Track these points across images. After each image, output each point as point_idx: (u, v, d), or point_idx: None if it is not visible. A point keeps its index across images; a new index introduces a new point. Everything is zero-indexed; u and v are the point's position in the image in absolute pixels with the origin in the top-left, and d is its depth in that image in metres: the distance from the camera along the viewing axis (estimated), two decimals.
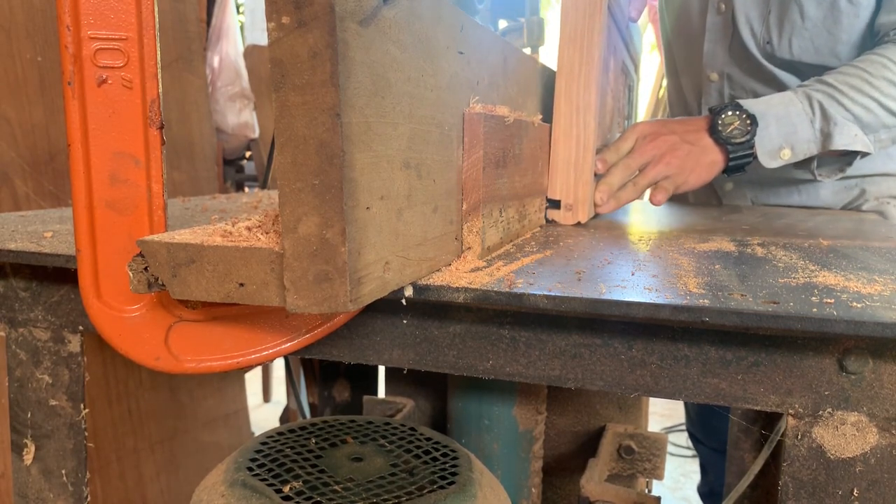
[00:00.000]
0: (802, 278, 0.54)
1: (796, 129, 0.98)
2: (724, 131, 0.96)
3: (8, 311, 0.65)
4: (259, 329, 0.51)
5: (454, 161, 0.56)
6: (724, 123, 0.96)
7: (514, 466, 0.85)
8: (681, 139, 0.96)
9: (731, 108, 0.96)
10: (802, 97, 0.99)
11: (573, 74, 0.83)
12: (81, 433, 0.67)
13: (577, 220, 0.86)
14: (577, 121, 0.83)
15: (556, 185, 0.86)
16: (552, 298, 0.46)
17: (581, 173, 0.85)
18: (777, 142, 0.97)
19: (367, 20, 0.39)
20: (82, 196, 0.49)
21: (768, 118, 0.97)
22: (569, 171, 0.85)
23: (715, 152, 0.97)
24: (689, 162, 0.96)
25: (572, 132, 0.84)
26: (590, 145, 0.83)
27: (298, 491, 0.60)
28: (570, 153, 0.84)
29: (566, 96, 0.84)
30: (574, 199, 0.86)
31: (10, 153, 1.33)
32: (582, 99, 0.83)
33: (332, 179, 0.38)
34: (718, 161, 0.98)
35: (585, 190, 0.85)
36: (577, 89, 0.83)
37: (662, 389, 0.50)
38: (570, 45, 0.83)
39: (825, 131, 0.98)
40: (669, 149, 0.95)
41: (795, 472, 0.48)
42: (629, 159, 0.94)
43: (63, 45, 0.47)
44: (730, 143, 0.96)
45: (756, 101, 0.98)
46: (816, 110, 0.98)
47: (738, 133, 0.96)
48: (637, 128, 0.98)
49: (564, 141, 0.84)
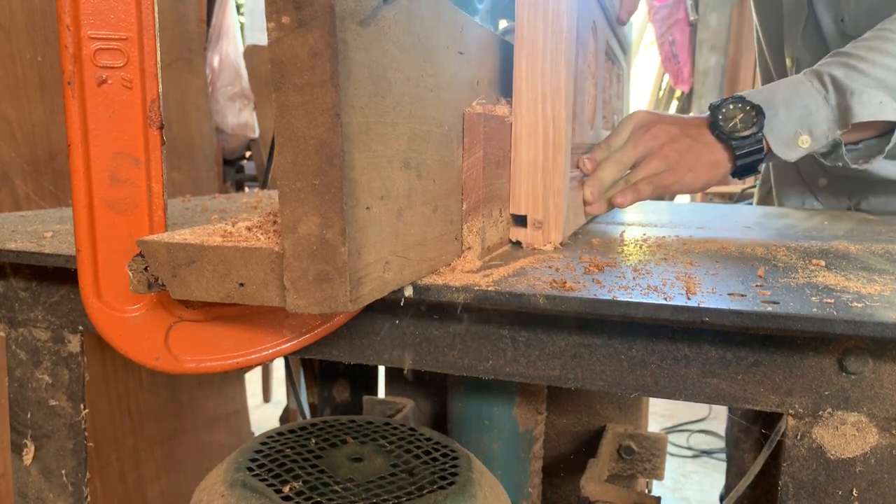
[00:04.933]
0: (802, 278, 0.54)
1: (810, 109, 0.85)
2: (725, 126, 0.84)
3: (8, 311, 0.65)
4: (259, 329, 0.51)
5: (454, 161, 0.56)
6: (726, 118, 0.84)
7: (514, 466, 0.85)
8: (681, 131, 0.84)
9: (732, 101, 0.85)
10: (811, 75, 0.87)
11: (536, 50, 0.64)
12: (81, 433, 0.67)
13: (549, 241, 0.66)
14: (543, 111, 0.65)
15: (520, 196, 0.66)
16: (552, 298, 0.46)
17: (551, 179, 0.65)
18: (790, 128, 0.85)
19: (367, 20, 0.39)
20: (82, 196, 0.49)
21: (775, 104, 0.85)
22: (535, 176, 0.65)
23: (718, 150, 0.85)
24: (689, 158, 0.83)
25: (538, 126, 0.65)
26: (561, 142, 0.64)
27: (298, 491, 0.60)
28: (537, 153, 0.65)
29: (528, 79, 0.65)
30: (543, 214, 0.66)
31: (10, 153, 1.33)
32: (549, 83, 0.64)
33: (332, 179, 0.38)
34: (722, 161, 0.85)
35: (558, 201, 0.65)
36: (543, 69, 0.64)
37: (662, 389, 0.50)
38: (530, 9, 0.64)
39: (842, 105, 0.85)
40: (669, 140, 0.83)
41: (795, 472, 0.48)
42: (621, 153, 0.82)
43: (63, 45, 0.47)
44: (733, 139, 0.84)
45: (760, 90, 0.88)
46: (828, 84, 0.86)
47: (742, 126, 0.84)
48: (633, 117, 0.85)
49: (528, 138, 0.65)
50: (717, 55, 4.66)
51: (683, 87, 4.77)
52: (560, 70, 0.64)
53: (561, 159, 0.65)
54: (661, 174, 0.82)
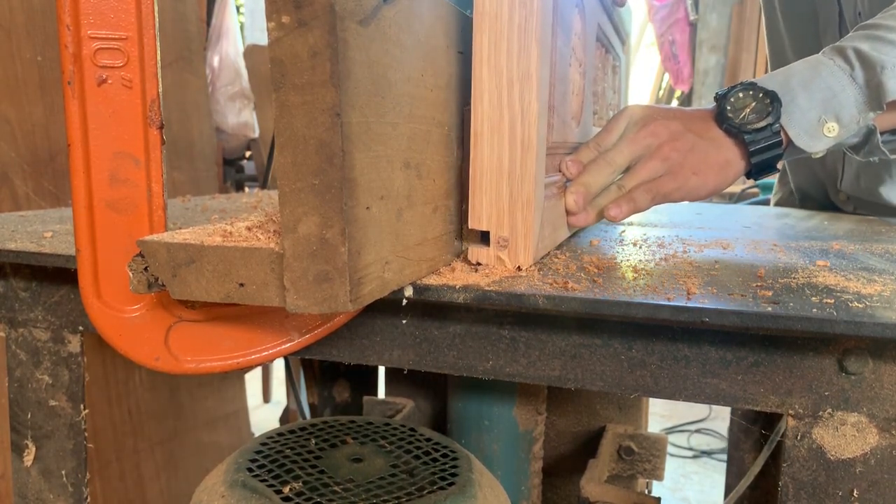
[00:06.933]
0: (802, 278, 0.54)
1: (834, 91, 0.72)
2: (735, 117, 0.71)
3: (8, 311, 0.65)
4: (259, 329, 0.51)
5: (454, 161, 0.56)
6: (736, 108, 0.71)
7: (514, 467, 0.85)
8: (684, 127, 0.71)
9: (741, 88, 0.72)
10: (832, 53, 0.75)
11: (500, 24, 0.51)
12: (81, 433, 0.67)
13: (517, 263, 0.54)
14: (509, 101, 0.52)
15: (480, 207, 0.54)
16: (552, 298, 0.46)
17: (520, 186, 0.53)
18: (813, 113, 0.72)
19: (367, 20, 0.39)
20: (82, 196, 0.49)
21: (792, 88, 0.72)
22: (499, 182, 0.53)
23: (728, 147, 0.72)
24: (693, 158, 0.70)
25: (502, 119, 0.52)
26: (532, 140, 0.52)
27: (298, 492, 0.60)
28: (502, 153, 0.53)
29: (490, 62, 0.52)
30: (510, 230, 0.54)
31: (10, 153, 1.33)
32: (516, 66, 0.52)
33: (331, 179, 0.38)
34: (734, 160, 0.72)
35: (528, 214, 0.53)
36: (508, 49, 0.52)
37: (662, 390, 0.50)
38: None
39: (872, 82, 0.72)
40: (669, 138, 0.69)
41: (795, 472, 0.48)
42: (613, 153, 0.68)
43: (63, 44, 0.47)
44: (746, 132, 0.70)
45: (773, 74, 0.75)
46: (853, 59, 0.73)
47: (755, 117, 0.71)
48: (628, 111, 0.72)
49: (490, 134, 0.53)
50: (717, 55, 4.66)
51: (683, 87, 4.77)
52: (531, 50, 0.51)
53: (531, 161, 0.53)
54: (661, 179, 0.68)
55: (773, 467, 0.56)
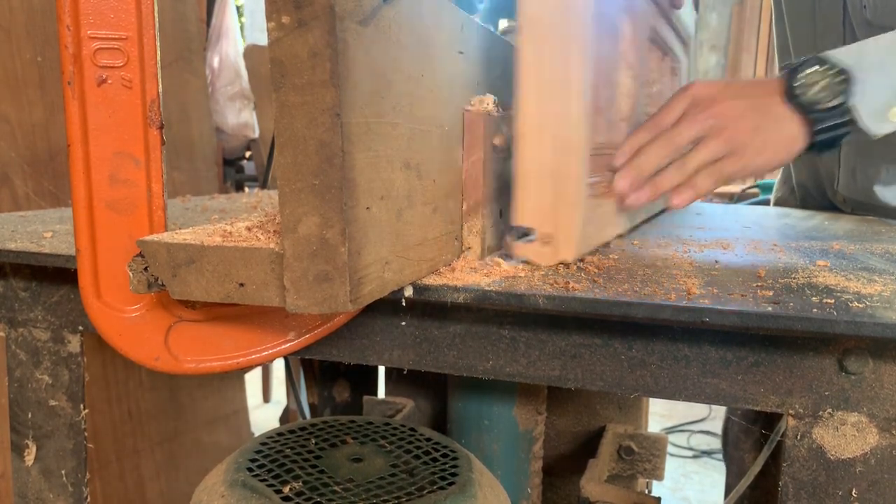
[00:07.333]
0: (802, 278, 0.54)
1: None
2: (804, 95, 0.68)
3: (8, 311, 0.65)
4: (259, 329, 0.51)
5: (454, 161, 0.56)
6: (806, 84, 0.68)
7: (514, 467, 0.85)
8: (750, 106, 0.69)
9: (813, 63, 0.69)
10: None
11: (541, 30, 0.54)
12: (81, 433, 0.67)
13: (561, 258, 0.57)
14: (551, 104, 0.55)
15: (525, 205, 0.57)
16: (552, 298, 0.46)
17: (564, 186, 0.56)
18: (883, 97, 0.69)
19: (367, 20, 0.39)
20: (82, 196, 0.49)
21: (865, 66, 0.69)
22: (542, 182, 0.56)
23: (792, 124, 0.69)
24: (759, 140, 0.68)
25: (546, 122, 0.55)
26: (575, 144, 0.56)
27: (298, 491, 0.60)
28: (545, 154, 0.56)
29: (533, 66, 0.55)
30: (555, 227, 0.57)
31: (10, 153, 1.33)
32: (559, 68, 0.54)
33: (331, 179, 0.38)
34: (798, 136, 0.69)
35: (572, 212, 0.56)
36: (551, 54, 0.54)
37: (662, 390, 0.50)
38: None
39: None
40: (734, 118, 0.67)
41: (795, 472, 0.48)
42: (673, 132, 0.66)
43: (63, 44, 0.47)
44: (815, 111, 0.68)
45: (847, 49, 0.71)
46: None
47: (825, 96, 0.68)
48: (689, 90, 0.69)
49: (535, 136, 0.56)
50: (717, 55, 4.66)
51: None
52: (571, 56, 0.54)
53: (574, 163, 0.56)
54: (724, 161, 0.67)
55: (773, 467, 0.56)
